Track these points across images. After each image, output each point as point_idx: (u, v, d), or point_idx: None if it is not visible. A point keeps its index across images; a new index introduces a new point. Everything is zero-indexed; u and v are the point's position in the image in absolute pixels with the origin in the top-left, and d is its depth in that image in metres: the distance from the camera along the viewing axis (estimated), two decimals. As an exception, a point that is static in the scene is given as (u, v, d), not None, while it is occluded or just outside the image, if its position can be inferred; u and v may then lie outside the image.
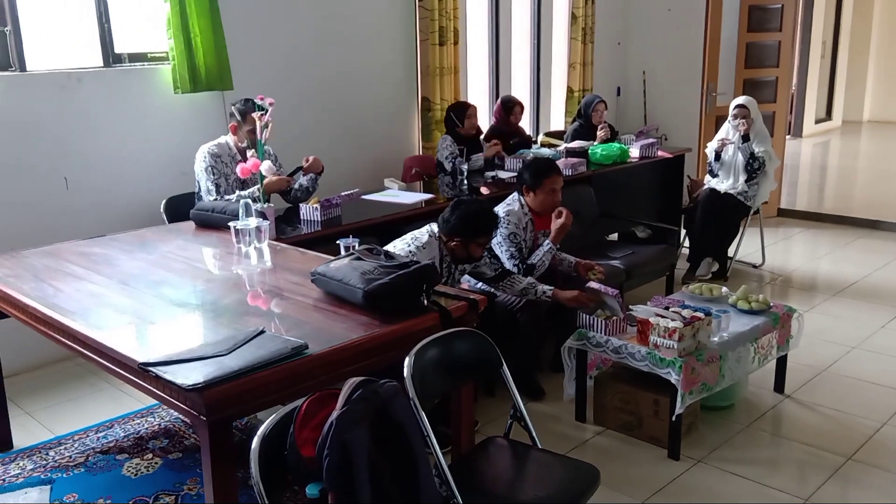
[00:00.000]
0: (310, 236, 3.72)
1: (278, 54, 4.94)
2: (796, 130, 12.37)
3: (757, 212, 5.71)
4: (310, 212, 3.94)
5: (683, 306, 3.38)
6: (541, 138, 6.22)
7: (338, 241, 3.23)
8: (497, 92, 6.46)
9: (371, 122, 5.55)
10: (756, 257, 5.90)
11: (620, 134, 6.07)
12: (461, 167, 4.71)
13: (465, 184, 4.64)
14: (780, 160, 6.42)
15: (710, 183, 5.59)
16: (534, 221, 3.88)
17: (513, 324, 3.56)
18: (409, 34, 5.65)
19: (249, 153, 3.78)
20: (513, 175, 4.77)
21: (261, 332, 2.25)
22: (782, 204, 7.48)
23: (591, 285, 3.58)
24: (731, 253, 5.64)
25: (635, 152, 5.53)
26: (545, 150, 5.55)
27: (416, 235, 3.33)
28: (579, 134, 5.89)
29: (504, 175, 4.97)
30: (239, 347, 2.14)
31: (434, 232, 3.32)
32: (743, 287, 3.75)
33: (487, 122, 5.88)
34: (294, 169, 4.17)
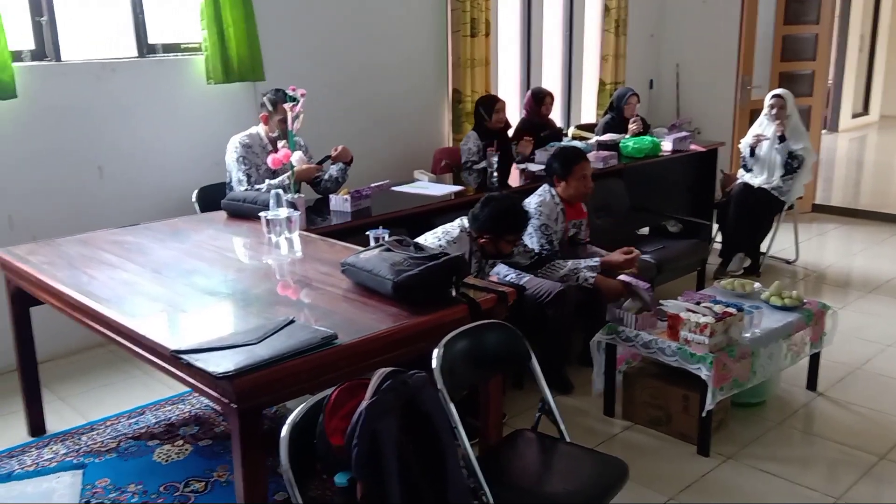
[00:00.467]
0: (339, 227, 3.73)
1: (310, 45, 4.96)
2: (832, 125, 12.16)
3: (791, 207, 5.62)
4: (339, 203, 3.95)
5: (715, 301, 3.33)
6: (572, 131, 6.18)
7: (367, 233, 3.24)
8: (528, 84, 6.43)
9: (401, 114, 5.55)
10: (789, 253, 5.81)
11: (652, 127, 6.01)
12: (491, 159, 4.69)
13: (495, 177, 4.62)
14: (816, 155, 6.31)
15: (743, 177, 5.51)
16: (565, 211, 3.87)
17: (542, 317, 3.55)
18: (440, 26, 5.64)
19: (280, 144, 3.80)
20: (542, 168, 4.75)
21: (291, 321, 2.26)
22: (817, 199, 7.35)
23: (622, 278, 3.55)
24: (763, 248, 5.57)
25: (668, 146, 5.47)
26: (576, 143, 5.51)
27: (447, 229, 3.33)
28: (611, 127, 5.85)
29: (534, 168, 4.94)
30: (269, 336, 2.15)
31: (465, 226, 3.31)
32: (776, 283, 3.69)
33: (517, 116, 5.85)
34: (322, 158, 4.18)
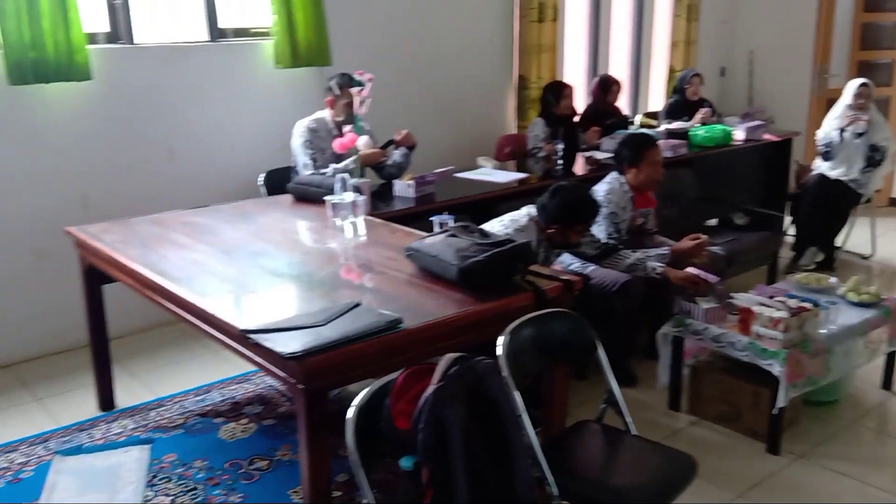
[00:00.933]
0: (403, 212, 3.72)
1: (375, 30, 4.96)
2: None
3: (868, 200, 5.41)
4: (403, 188, 3.95)
5: (789, 296, 3.23)
6: (640, 119, 6.05)
7: (431, 218, 3.22)
8: (594, 71, 6.31)
9: (466, 100, 5.52)
10: (865, 248, 5.59)
11: (724, 116, 5.85)
12: (556, 146, 4.62)
13: (560, 164, 4.55)
14: (896, 145, 6.07)
15: (819, 168, 5.32)
16: (634, 200, 3.78)
17: (607, 308, 3.48)
18: (507, 11, 5.57)
19: (346, 128, 3.80)
20: (608, 156, 4.66)
21: (356, 304, 2.26)
22: (894, 193, 7.06)
23: (690, 270, 3.47)
24: (838, 243, 5.37)
25: (740, 135, 5.32)
26: (645, 132, 5.40)
27: (514, 217, 3.28)
28: (674, 110, 5.75)
29: (600, 155, 4.86)
30: (335, 319, 2.16)
31: (533, 215, 3.26)
32: (854, 278, 3.55)
33: (583, 104, 5.77)
34: (386, 142, 4.18)
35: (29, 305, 3.91)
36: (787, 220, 5.52)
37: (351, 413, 1.83)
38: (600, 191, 3.73)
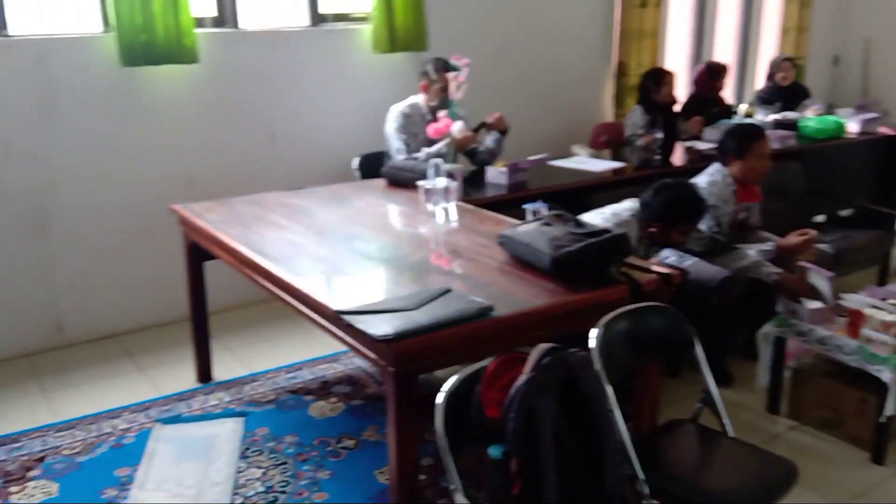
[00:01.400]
0: (495, 199, 3.69)
1: (471, 15, 4.92)
2: None
3: None
4: (496, 175, 3.91)
5: (903, 299, 3.04)
6: (745, 108, 5.81)
7: (524, 206, 3.18)
8: (697, 58, 6.10)
9: (562, 86, 5.43)
10: None
11: (836, 107, 5.57)
12: (655, 135, 4.49)
13: (659, 153, 4.42)
14: None
15: (939, 164, 5.00)
16: (737, 193, 3.63)
17: (704, 305, 3.36)
18: (608, -5, 5.46)
19: (441, 114, 3.79)
20: (710, 146, 4.50)
21: (447, 290, 2.25)
22: None
23: (801, 264, 3.30)
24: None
25: (854, 127, 5.06)
26: (752, 122, 5.19)
27: (616, 210, 3.19)
28: (768, 97, 5.58)
29: (701, 146, 4.70)
30: (427, 304, 2.16)
31: (637, 211, 3.17)
32: (977, 283, 3.32)
33: (684, 92, 5.58)
34: (478, 125, 4.15)
35: (134, 278, 4.07)
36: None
37: (441, 398, 1.82)
38: (702, 182, 3.59)
